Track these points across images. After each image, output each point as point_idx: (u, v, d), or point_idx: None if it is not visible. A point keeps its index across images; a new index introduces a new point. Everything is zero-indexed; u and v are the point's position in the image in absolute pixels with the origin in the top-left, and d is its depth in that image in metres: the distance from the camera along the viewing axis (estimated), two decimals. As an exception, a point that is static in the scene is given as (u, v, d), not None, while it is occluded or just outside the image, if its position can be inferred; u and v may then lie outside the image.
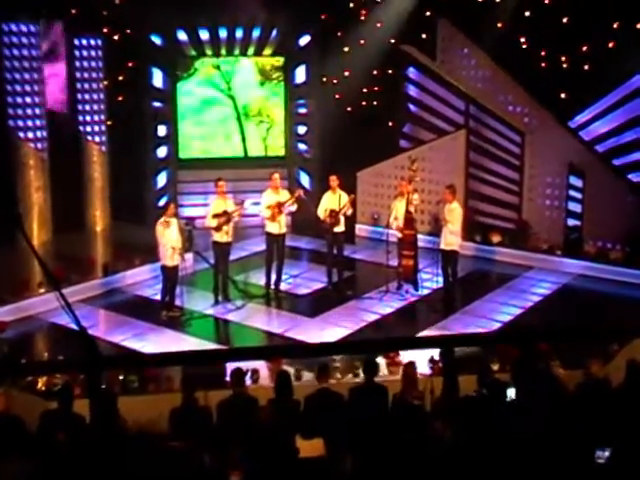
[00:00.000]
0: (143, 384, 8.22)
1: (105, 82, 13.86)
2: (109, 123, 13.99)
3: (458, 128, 13.66)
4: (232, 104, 14.93)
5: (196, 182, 14.52)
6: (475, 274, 12.33)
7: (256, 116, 15.04)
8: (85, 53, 13.75)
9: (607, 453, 4.74)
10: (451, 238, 10.80)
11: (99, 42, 13.77)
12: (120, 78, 13.92)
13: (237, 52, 14.71)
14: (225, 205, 10.88)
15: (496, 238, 13.13)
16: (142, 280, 11.83)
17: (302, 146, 15.35)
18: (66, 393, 6.70)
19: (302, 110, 15.16)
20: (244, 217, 13.06)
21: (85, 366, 3.63)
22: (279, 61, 14.80)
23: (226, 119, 14.96)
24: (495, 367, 7.98)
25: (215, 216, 10.85)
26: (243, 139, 15.09)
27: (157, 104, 14.44)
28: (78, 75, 13.77)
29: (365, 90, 14.57)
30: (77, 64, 13.73)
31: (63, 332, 9.63)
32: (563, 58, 12.51)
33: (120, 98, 13.88)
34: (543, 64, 12.61)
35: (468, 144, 13.55)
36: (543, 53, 12.59)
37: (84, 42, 13.73)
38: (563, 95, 12.55)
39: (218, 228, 10.86)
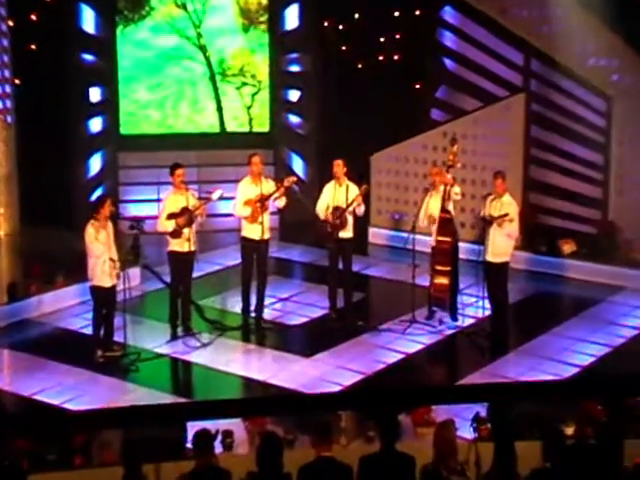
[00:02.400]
0: (67, 456, 8.19)
1: (10, 22, 13.83)
2: (17, 82, 13.97)
3: (514, 92, 13.70)
4: (203, 58, 14.99)
5: (145, 168, 14.56)
6: (538, 298, 12.34)
7: (237, 75, 15.11)
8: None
9: None
10: (503, 244, 10.80)
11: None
12: (32, 18, 13.90)
13: (203, -15, 14.83)
14: (185, 201, 10.89)
15: (569, 247, 13.14)
16: (66, 307, 11.82)
17: (294, 118, 15.39)
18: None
19: (294, 68, 15.21)
20: (212, 217, 13.08)
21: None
22: (264, -2, 14.94)
23: (194, 80, 15.02)
24: (569, 431, 7.96)
25: (172, 216, 10.86)
26: (219, 108, 15.15)
27: (88, 57, 14.48)
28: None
29: (382, 39, 14.61)
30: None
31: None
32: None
33: (33, 47, 13.87)
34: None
35: (528, 115, 13.58)
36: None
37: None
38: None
39: (176, 233, 10.87)
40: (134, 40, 14.73)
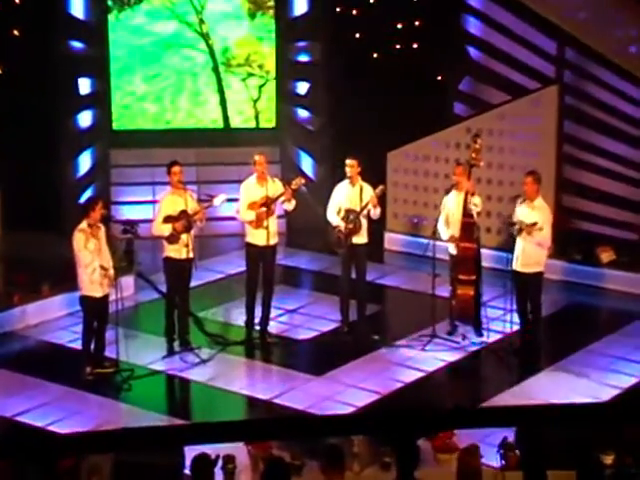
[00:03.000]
0: (53, 480, 8.20)
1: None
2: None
3: (546, 84, 13.66)
4: (205, 47, 14.98)
5: (140, 167, 14.56)
6: (573, 311, 12.31)
7: (243, 66, 15.10)
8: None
9: None
10: (535, 253, 10.77)
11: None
12: (16, 1, 13.93)
13: (203, -34, 14.85)
14: (184, 202, 10.90)
15: (607, 255, 13.10)
16: (52, 319, 11.84)
17: (302, 112, 15.39)
18: None
19: (303, 58, 15.21)
20: (213, 221, 13.07)
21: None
22: (272, -19, 14.95)
23: (195, 70, 15.01)
24: (608, 459, 7.91)
25: (168, 219, 10.87)
26: (222, 101, 15.14)
27: (77, 44, 14.50)
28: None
29: (400, 26, 14.61)
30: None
31: None
32: None
33: (16, 33, 13.89)
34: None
35: (562, 109, 13.54)
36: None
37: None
38: None
39: (173, 238, 10.87)
40: (129, 26, 14.74)
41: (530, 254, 10.77)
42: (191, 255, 10.91)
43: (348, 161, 11.31)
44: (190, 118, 15.11)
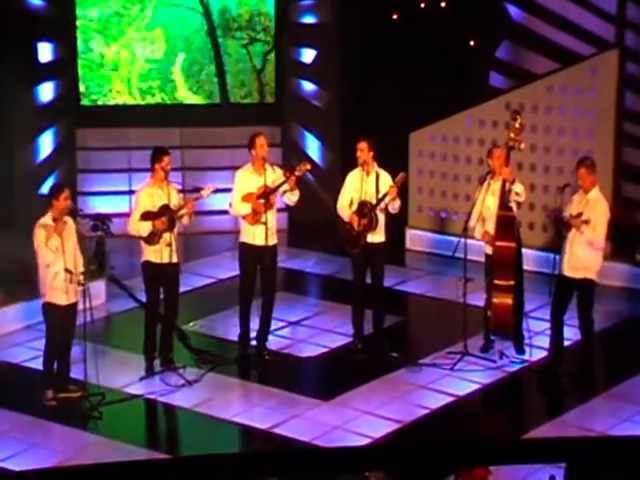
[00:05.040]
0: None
1: None
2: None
3: (603, 48, 13.66)
4: (199, 6, 15.01)
5: (114, 150, 14.60)
6: (634, 324, 12.31)
7: (244, 29, 15.14)
8: None
9: None
10: (587, 256, 10.76)
11: None
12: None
13: None
14: (166, 196, 10.92)
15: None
16: (6, 333, 11.86)
17: (308, 85, 15.42)
18: None
19: (308, 19, 15.24)
20: (202, 215, 13.09)
21: None
22: None
23: (186, 34, 15.05)
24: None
25: (147, 215, 10.90)
26: (220, 72, 15.16)
27: (35, 0, 14.52)
28: None
29: (425, -21, 14.66)
30: None
31: None
32: None
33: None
34: None
35: (622, 78, 13.55)
36: None
37: None
38: None
39: (153, 238, 10.91)
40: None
41: (578, 256, 10.73)
42: (175, 259, 10.91)
43: (359, 143, 11.34)
44: (178, 92, 15.10)
